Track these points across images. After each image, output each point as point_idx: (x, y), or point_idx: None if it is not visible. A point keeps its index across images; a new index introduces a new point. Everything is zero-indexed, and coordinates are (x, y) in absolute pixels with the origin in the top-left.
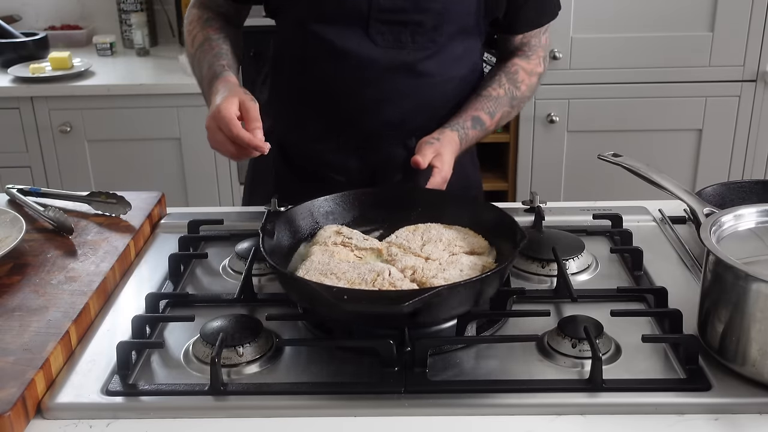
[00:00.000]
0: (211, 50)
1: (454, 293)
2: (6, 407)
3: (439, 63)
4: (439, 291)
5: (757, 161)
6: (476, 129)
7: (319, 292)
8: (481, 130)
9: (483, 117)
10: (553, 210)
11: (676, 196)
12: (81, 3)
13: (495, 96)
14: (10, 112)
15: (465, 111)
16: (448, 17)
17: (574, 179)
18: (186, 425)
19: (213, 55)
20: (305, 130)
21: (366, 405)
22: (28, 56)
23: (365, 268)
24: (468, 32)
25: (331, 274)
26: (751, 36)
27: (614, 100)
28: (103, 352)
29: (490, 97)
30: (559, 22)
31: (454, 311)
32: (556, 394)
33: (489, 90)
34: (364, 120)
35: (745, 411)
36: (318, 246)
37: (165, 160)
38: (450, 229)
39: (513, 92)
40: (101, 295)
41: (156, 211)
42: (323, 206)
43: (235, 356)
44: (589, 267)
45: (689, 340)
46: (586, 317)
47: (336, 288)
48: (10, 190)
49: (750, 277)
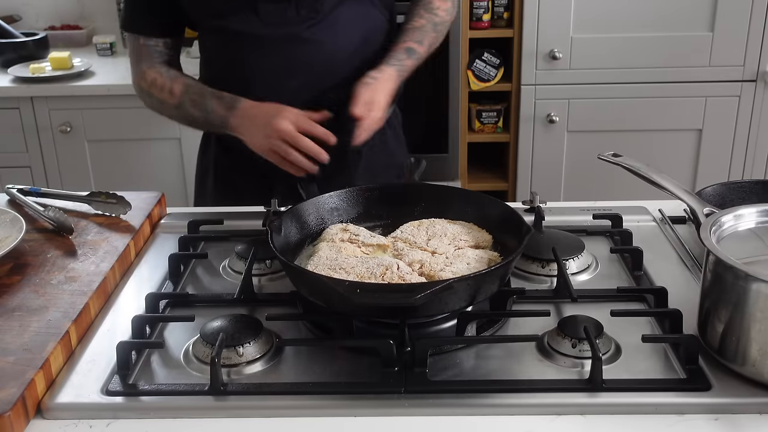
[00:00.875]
0: (202, 90)
1: (465, 285)
2: (6, 407)
3: (326, 30)
4: (450, 283)
5: (757, 161)
6: (411, 58)
7: (331, 286)
8: (416, 59)
9: (413, 46)
10: (553, 210)
11: (676, 196)
12: (81, 3)
13: (418, 26)
14: (10, 112)
15: (396, 45)
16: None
17: (574, 179)
18: (186, 425)
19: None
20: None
21: (366, 405)
22: (28, 56)
23: (373, 262)
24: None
25: (340, 269)
26: (751, 36)
27: (614, 100)
28: (103, 352)
29: (414, 29)
30: (559, 22)
31: (464, 303)
32: (556, 394)
33: (411, 23)
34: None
35: (745, 411)
36: (325, 242)
37: (165, 160)
38: (454, 224)
39: (433, 19)
40: (101, 295)
41: (156, 211)
42: (328, 203)
43: (235, 356)
44: (589, 267)
45: (689, 340)
46: (586, 317)
47: (348, 282)
48: (10, 190)
49: (750, 277)
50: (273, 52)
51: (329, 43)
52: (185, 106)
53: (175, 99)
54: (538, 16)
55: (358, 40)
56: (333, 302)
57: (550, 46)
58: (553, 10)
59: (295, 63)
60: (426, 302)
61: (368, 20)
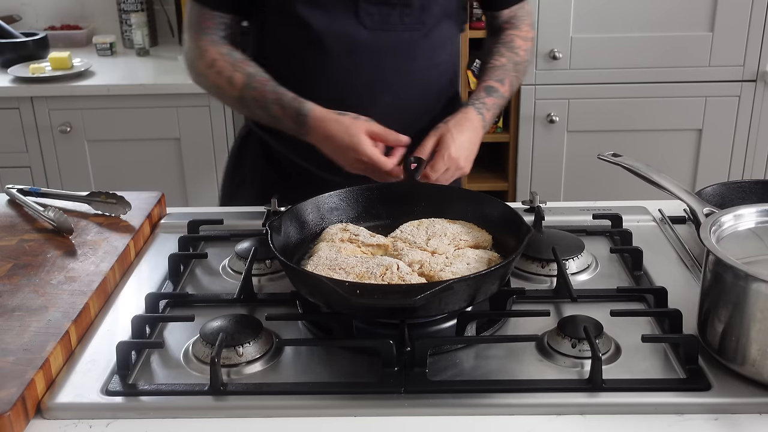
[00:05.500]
0: (264, 87)
1: (464, 286)
2: (6, 407)
3: (427, 47)
4: (450, 284)
5: (757, 161)
6: (492, 96)
7: (331, 287)
8: (497, 97)
9: (494, 84)
10: (552, 210)
11: (676, 196)
12: (81, 3)
13: (499, 65)
14: (10, 112)
15: (477, 86)
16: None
17: (574, 179)
18: (186, 425)
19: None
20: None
21: (366, 405)
22: (28, 56)
23: (373, 262)
24: (450, 17)
25: (340, 269)
26: (751, 36)
27: (614, 100)
28: (103, 352)
29: (495, 67)
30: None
31: (464, 303)
32: (556, 394)
33: (491, 62)
34: (358, 110)
35: (745, 411)
36: (325, 242)
37: (165, 160)
38: (454, 224)
39: (514, 59)
40: (101, 295)
41: (156, 211)
42: (327, 202)
43: (235, 356)
44: (589, 267)
45: (689, 340)
46: (586, 317)
47: (348, 283)
48: (10, 190)
49: (750, 277)
50: (369, 60)
51: (424, 59)
52: (246, 101)
53: (235, 91)
54: (538, 16)
55: (446, 60)
56: (333, 303)
57: (550, 46)
58: (552, 10)
59: (391, 75)
60: (426, 303)
61: (454, 44)
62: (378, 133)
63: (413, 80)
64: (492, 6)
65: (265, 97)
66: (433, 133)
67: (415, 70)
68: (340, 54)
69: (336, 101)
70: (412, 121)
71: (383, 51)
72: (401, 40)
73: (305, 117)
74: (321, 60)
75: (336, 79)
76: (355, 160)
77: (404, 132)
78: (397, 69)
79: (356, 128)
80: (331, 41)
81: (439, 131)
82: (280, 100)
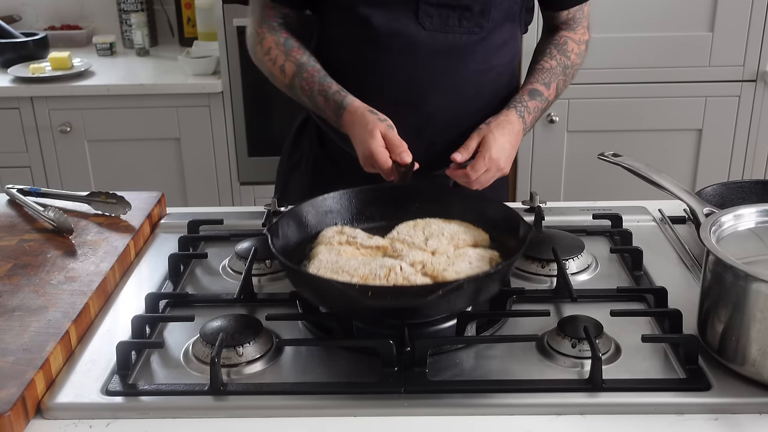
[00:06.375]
0: (312, 78)
1: (474, 285)
2: (6, 407)
3: (485, 49)
4: (461, 283)
5: (757, 161)
6: (535, 100)
7: (341, 290)
8: (540, 101)
9: (539, 88)
10: (552, 210)
11: (676, 196)
12: (81, 3)
13: (548, 68)
14: (10, 112)
15: (520, 88)
16: (496, 2)
17: (574, 179)
18: (186, 425)
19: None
20: None
21: (366, 405)
22: (28, 56)
23: (375, 264)
24: (512, 20)
25: (343, 272)
26: (751, 36)
27: (614, 100)
28: (103, 352)
29: (543, 69)
30: None
31: (471, 301)
32: (556, 394)
33: (541, 63)
34: (410, 107)
35: (745, 411)
36: (324, 245)
37: (164, 160)
38: (450, 224)
39: (564, 62)
40: (101, 295)
41: (156, 211)
42: (322, 205)
43: (235, 356)
44: (589, 267)
45: (689, 340)
46: (586, 317)
47: (359, 285)
48: (10, 190)
49: (750, 277)
50: (425, 61)
51: (480, 62)
52: (296, 90)
53: (286, 79)
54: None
55: (503, 62)
56: (341, 306)
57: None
58: None
59: (447, 78)
60: (437, 303)
61: (514, 46)
62: (390, 140)
63: (467, 81)
64: (551, 5)
65: (312, 87)
66: (476, 133)
67: (469, 71)
68: (396, 52)
69: (388, 98)
70: (462, 121)
71: (439, 52)
72: (458, 42)
73: (344, 109)
74: (376, 57)
75: (390, 76)
76: (364, 156)
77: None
78: (451, 69)
79: (375, 125)
80: (389, 40)
81: (482, 132)
82: (324, 92)
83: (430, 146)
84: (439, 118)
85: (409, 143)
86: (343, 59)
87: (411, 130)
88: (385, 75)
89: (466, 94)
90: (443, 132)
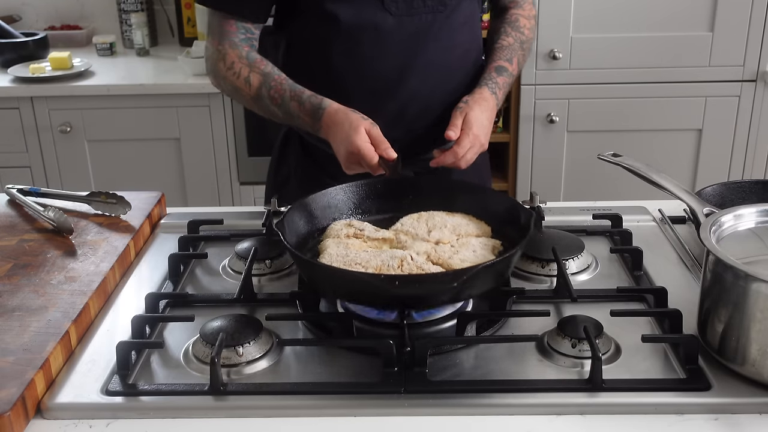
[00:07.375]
0: (281, 85)
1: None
2: (6, 407)
3: (449, 27)
4: (487, 265)
5: (757, 161)
6: (502, 75)
7: (366, 281)
8: (507, 76)
9: (504, 64)
10: (552, 210)
11: (676, 196)
12: (81, 3)
13: (506, 45)
14: (10, 112)
15: (485, 67)
16: None
17: (574, 179)
18: (186, 425)
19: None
20: None
21: (366, 405)
22: (28, 56)
23: (386, 255)
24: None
25: (356, 264)
26: (751, 36)
27: (614, 100)
28: (103, 352)
29: (502, 47)
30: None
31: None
32: (556, 394)
33: (499, 42)
34: (386, 94)
35: (745, 411)
36: (331, 239)
37: (164, 160)
38: (452, 216)
39: (520, 38)
40: (101, 295)
41: (156, 211)
42: (326, 199)
43: (235, 356)
44: (589, 267)
45: (689, 340)
46: (586, 317)
47: (384, 275)
48: (10, 190)
49: (750, 277)
50: (395, 47)
51: (447, 39)
52: (263, 100)
53: (252, 91)
54: (538, 16)
55: (468, 39)
56: (362, 297)
57: (550, 46)
58: (552, 10)
59: (417, 60)
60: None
61: (475, 23)
62: (374, 137)
63: (436, 61)
64: None
65: (282, 95)
66: (458, 111)
67: (438, 50)
68: (367, 44)
69: (364, 90)
70: (437, 101)
71: (407, 36)
72: (424, 23)
73: (323, 111)
74: (349, 51)
75: (363, 68)
76: (348, 153)
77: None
78: (420, 51)
79: (359, 122)
80: (359, 32)
81: (463, 110)
82: (298, 96)
83: (410, 131)
84: (415, 100)
85: (390, 130)
86: (313, 63)
87: (390, 117)
88: (358, 68)
89: (436, 73)
90: (421, 114)
